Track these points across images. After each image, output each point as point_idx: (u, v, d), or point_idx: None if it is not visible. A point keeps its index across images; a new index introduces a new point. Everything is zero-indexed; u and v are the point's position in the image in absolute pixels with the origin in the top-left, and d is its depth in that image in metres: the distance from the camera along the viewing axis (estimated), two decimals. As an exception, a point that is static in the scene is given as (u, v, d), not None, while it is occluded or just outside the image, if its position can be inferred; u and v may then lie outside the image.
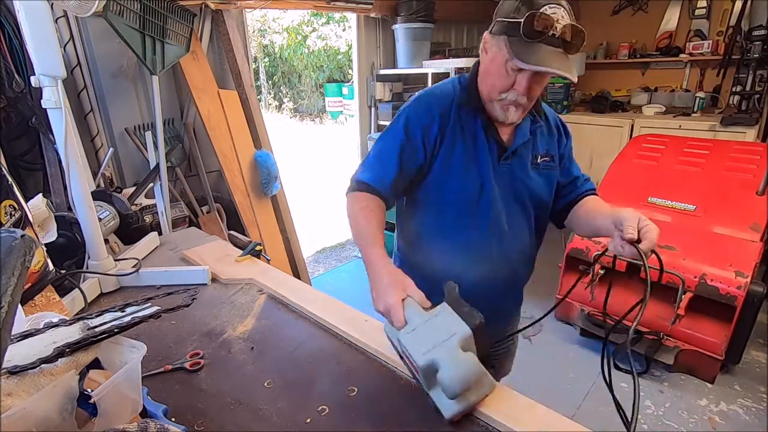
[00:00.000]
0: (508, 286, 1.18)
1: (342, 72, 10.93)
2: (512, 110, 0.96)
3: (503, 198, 1.04)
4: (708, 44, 3.50)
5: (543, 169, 1.08)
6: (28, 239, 0.49)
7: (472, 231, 1.05)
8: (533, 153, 1.06)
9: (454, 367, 0.69)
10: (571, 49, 0.85)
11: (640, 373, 2.25)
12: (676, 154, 2.63)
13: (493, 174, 1.02)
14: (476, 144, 1.01)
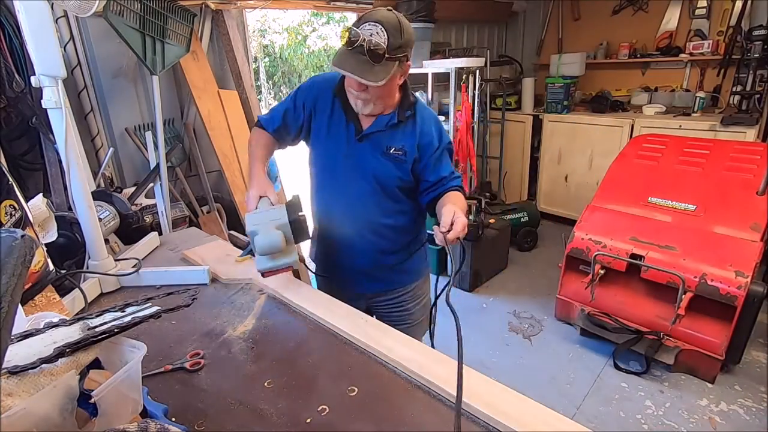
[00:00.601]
0: (360, 247, 1.34)
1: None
2: (359, 104, 1.19)
3: (353, 170, 1.26)
4: (708, 44, 3.49)
5: (393, 160, 1.24)
6: (29, 239, 0.49)
7: (328, 189, 1.34)
8: (387, 144, 1.24)
9: (263, 237, 1.05)
10: (374, 58, 1.05)
11: (640, 373, 2.25)
12: (676, 154, 2.63)
13: (348, 149, 1.26)
14: (338, 123, 1.26)
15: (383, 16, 1.06)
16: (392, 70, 1.08)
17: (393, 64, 1.08)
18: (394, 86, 1.18)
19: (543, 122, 3.99)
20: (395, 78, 1.13)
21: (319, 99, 1.28)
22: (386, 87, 1.13)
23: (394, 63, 1.08)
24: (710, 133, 3.10)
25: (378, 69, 1.06)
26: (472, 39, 4.23)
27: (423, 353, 0.92)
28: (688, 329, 2.17)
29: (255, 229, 1.07)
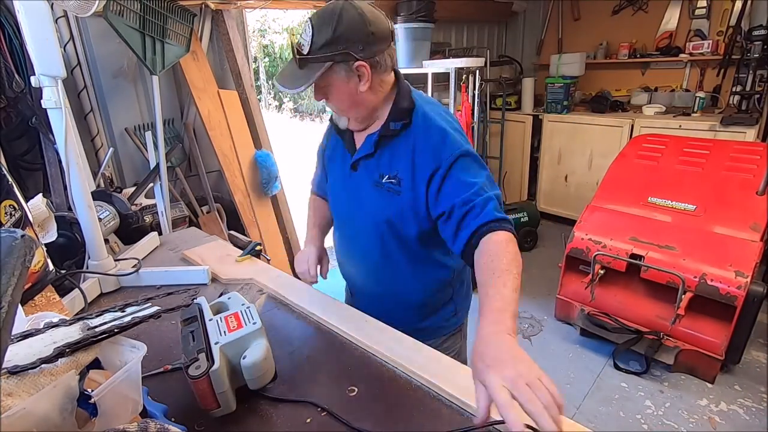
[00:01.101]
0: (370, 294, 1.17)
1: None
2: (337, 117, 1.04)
3: (350, 205, 1.09)
4: (708, 44, 3.49)
5: (386, 191, 0.99)
6: (28, 239, 0.49)
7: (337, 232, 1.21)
8: (378, 170, 0.99)
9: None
10: (299, 63, 0.90)
11: (640, 373, 2.25)
12: (676, 154, 2.63)
13: (345, 181, 1.08)
14: (337, 151, 1.11)
15: (321, 9, 0.89)
16: (317, 73, 0.88)
17: (319, 66, 0.88)
18: (348, 92, 0.93)
19: (543, 122, 3.99)
20: (341, 83, 0.92)
21: (329, 134, 1.16)
22: (337, 95, 0.94)
23: (321, 64, 0.88)
24: (710, 133, 3.10)
25: (301, 74, 0.90)
26: (472, 39, 4.23)
27: (423, 353, 0.92)
28: (688, 329, 2.17)
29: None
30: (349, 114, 1.00)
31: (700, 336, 2.15)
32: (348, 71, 0.90)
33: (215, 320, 0.79)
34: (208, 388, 0.70)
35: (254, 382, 0.77)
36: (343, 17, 0.86)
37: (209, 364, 0.70)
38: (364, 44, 0.88)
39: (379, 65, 0.93)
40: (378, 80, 0.95)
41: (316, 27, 0.87)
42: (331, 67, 0.89)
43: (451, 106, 2.95)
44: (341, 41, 0.87)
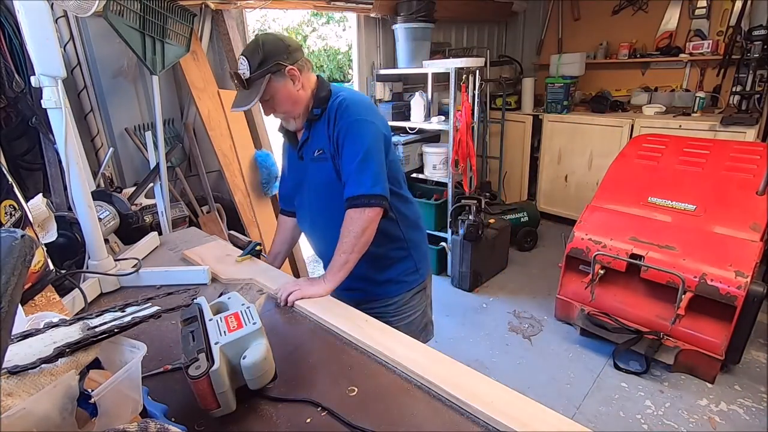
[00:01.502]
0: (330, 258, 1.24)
1: (342, 72, 10.92)
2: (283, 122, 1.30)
3: (304, 186, 1.32)
4: (708, 44, 3.49)
5: (319, 162, 1.25)
6: (28, 239, 0.49)
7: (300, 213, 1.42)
8: (313, 148, 1.26)
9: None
10: (244, 86, 1.18)
11: (640, 373, 2.25)
12: (676, 154, 2.63)
13: (297, 170, 1.33)
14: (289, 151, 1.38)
15: (246, 48, 1.19)
16: (262, 87, 1.15)
17: (261, 81, 1.15)
18: (288, 94, 1.20)
19: (543, 122, 3.99)
20: (281, 87, 1.18)
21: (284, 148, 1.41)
22: (280, 99, 1.20)
23: (262, 79, 1.15)
24: (710, 133, 3.10)
25: (248, 93, 1.17)
26: (472, 39, 4.23)
27: (423, 353, 0.92)
28: (688, 329, 2.17)
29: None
30: (294, 113, 1.23)
31: (700, 336, 2.15)
32: (282, 77, 1.17)
33: (215, 320, 0.79)
34: (208, 388, 0.70)
35: (254, 382, 0.77)
36: (265, 42, 1.16)
37: (209, 364, 0.70)
38: (286, 54, 1.17)
39: (303, 67, 1.21)
40: (305, 79, 1.22)
41: (248, 57, 1.15)
42: (269, 80, 1.16)
43: (451, 106, 2.95)
44: (270, 58, 1.15)
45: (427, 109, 3.14)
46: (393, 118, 3.25)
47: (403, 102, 3.31)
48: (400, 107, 3.27)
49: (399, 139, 3.19)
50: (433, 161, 3.21)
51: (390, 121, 3.27)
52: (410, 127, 3.23)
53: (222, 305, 0.88)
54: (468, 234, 2.95)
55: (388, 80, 3.39)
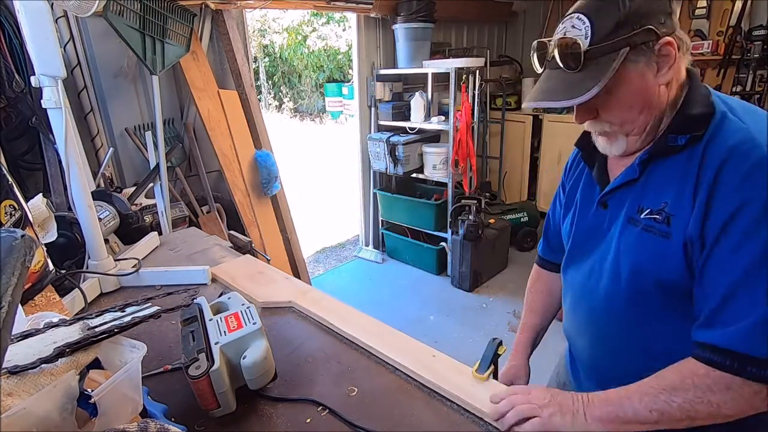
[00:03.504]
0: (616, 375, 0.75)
1: (342, 72, 10.93)
2: (600, 140, 0.75)
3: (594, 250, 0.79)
4: (708, 44, 3.49)
5: (644, 230, 0.69)
6: (28, 239, 0.49)
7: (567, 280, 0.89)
8: (637, 202, 0.71)
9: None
10: (570, 64, 0.66)
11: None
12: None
13: (590, 220, 0.80)
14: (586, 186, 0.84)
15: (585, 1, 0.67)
16: (612, 68, 0.63)
17: (611, 57, 0.64)
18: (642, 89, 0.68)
19: (543, 122, 3.99)
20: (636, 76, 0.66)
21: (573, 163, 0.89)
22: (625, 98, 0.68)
23: (613, 54, 0.64)
24: (710, 133, 3.10)
25: (580, 77, 0.65)
26: (472, 39, 4.23)
27: (423, 353, 0.92)
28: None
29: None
30: (634, 126, 0.70)
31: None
32: (649, 57, 0.66)
33: (215, 320, 0.80)
34: (208, 388, 0.70)
35: (254, 382, 0.77)
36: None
37: (209, 364, 0.70)
38: (665, 15, 0.68)
39: (683, 43, 0.69)
40: (678, 67, 0.69)
41: (592, 15, 0.64)
42: (626, 56, 0.64)
43: (451, 106, 2.95)
44: (639, 15, 0.64)
45: (427, 109, 3.15)
46: (393, 118, 3.25)
47: (403, 102, 3.32)
48: (400, 107, 3.27)
49: (399, 139, 3.19)
50: (433, 161, 3.21)
51: (390, 121, 3.27)
52: (410, 127, 3.23)
53: (222, 305, 0.88)
54: (468, 234, 2.95)
55: (388, 80, 3.39)
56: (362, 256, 3.82)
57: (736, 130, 0.63)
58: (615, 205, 0.75)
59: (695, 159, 0.65)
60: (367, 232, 3.84)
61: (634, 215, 0.71)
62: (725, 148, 0.62)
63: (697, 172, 0.64)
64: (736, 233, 0.59)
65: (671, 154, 0.68)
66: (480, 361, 0.83)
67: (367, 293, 3.27)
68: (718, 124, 0.65)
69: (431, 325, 2.81)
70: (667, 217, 0.66)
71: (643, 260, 0.69)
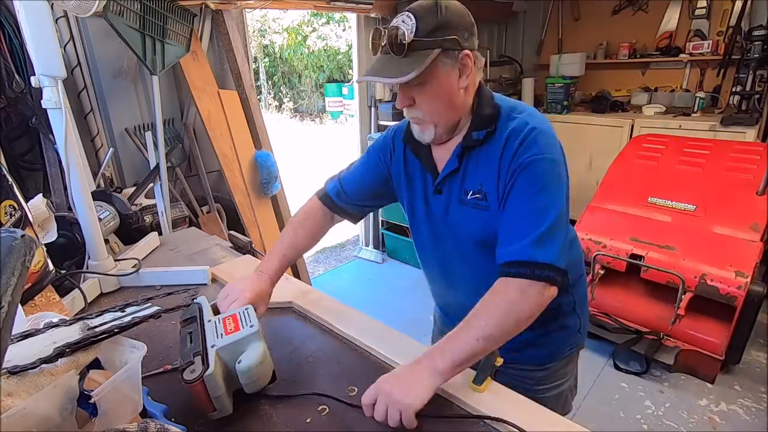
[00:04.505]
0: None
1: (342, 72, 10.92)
2: (417, 129, 0.91)
3: (442, 230, 0.97)
4: (708, 44, 3.49)
5: (473, 207, 0.89)
6: (28, 239, 0.49)
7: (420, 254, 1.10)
8: (462, 187, 0.90)
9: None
10: (398, 51, 0.79)
11: (640, 373, 2.25)
12: (676, 154, 2.63)
13: (428, 206, 0.97)
14: (415, 176, 0.99)
15: (415, 3, 0.83)
16: (427, 60, 0.78)
17: (428, 53, 0.79)
18: (448, 88, 0.85)
19: (543, 122, 3.99)
20: (445, 75, 0.83)
21: (394, 150, 1.02)
22: (436, 91, 0.84)
23: (430, 51, 0.79)
24: (710, 133, 3.10)
25: (404, 62, 0.79)
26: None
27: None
28: (687, 329, 2.17)
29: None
30: (441, 119, 0.88)
31: (700, 336, 2.15)
32: (453, 61, 0.82)
33: (213, 321, 0.79)
34: (203, 392, 0.70)
35: (250, 386, 0.76)
36: (448, 6, 0.81)
37: (204, 368, 0.69)
38: (468, 33, 0.83)
39: (478, 59, 0.86)
40: (473, 78, 0.87)
41: (419, 14, 0.80)
42: (437, 56, 0.80)
43: (451, 106, 2.95)
44: (449, 27, 0.80)
45: (427, 109, 3.14)
46: (393, 118, 3.25)
47: (403, 102, 3.31)
48: (400, 107, 3.27)
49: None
50: (433, 161, 3.21)
51: (390, 121, 3.27)
52: (410, 127, 3.22)
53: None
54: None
55: (388, 80, 3.39)
56: (362, 256, 3.82)
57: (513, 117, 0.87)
58: (447, 191, 0.93)
59: (496, 146, 0.86)
60: (367, 232, 3.84)
61: (462, 197, 0.91)
62: (512, 131, 0.85)
63: (499, 155, 0.85)
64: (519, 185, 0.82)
65: (477, 146, 0.88)
66: (477, 372, 0.82)
67: (367, 293, 3.27)
68: (505, 119, 0.87)
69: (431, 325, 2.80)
70: (484, 195, 0.87)
71: (477, 229, 0.90)
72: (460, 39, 0.81)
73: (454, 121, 0.89)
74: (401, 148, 1.01)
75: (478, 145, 0.88)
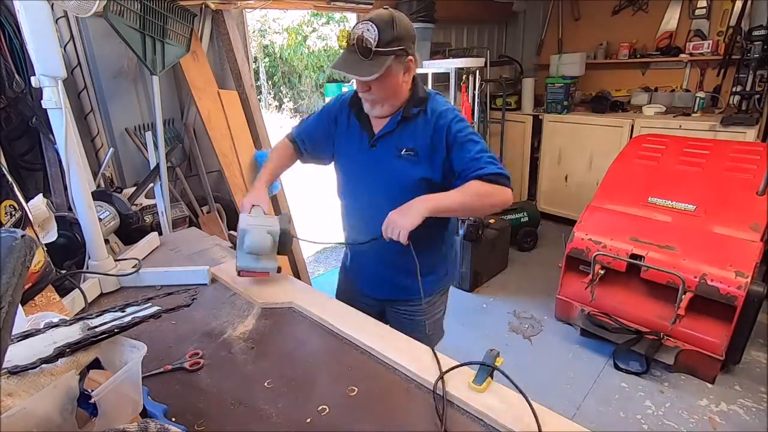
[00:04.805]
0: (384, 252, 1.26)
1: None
2: (367, 105, 1.22)
3: (372, 176, 1.26)
4: (708, 44, 3.49)
5: (405, 160, 1.21)
6: (29, 239, 0.49)
7: (352, 197, 1.36)
8: (397, 145, 1.22)
9: (254, 236, 1.14)
10: (364, 54, 1.07)
11: (640, 373, 2.25)
12: (676, 154, 2.63)
13: (363, 156, 1.27)
14: (353, 132, 1.30)
15: (376, 14, 1.10)
16: (385, 64, 1.07)
17: (386, 59, 1.08)
18: (396, 83, 1.16)
19: (543, 122, 3.99)
20: (395, 74, 1.13)
21: (340, 113, 1.33)
22: (388, 84, 1.14)
23: (387, 57, 1.08)
24: (710, 133, 3.10)
25: (369, 64, 1.08)
26: (472, 39, 4.23)
27: (424, 354, 0.92)
28: (688, 329, 2.17)
29: (247, 228, 1.16)
30: (387, 102, 1.19)
31: (700, 336, 2.15)
32: (401, 64, 1.13)
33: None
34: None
35: (279, 248, 1.19)
36: (397, 20, 1.09)
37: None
38: (412, 43, 1.14)
39: (417, 62, 1.19)
40: (412, 75, 1.20)
41: (380, 26, 1.06)
42: (391, 61, 1.09)
43: (451, 106, 2.95)
44: (401, 40, 1.10)
45: (427, 109, 3.15)
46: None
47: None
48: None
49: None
50: (433, 161, 3.21)
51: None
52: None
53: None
54: (468, 234, 2.95)
55: (388, 80, 3.39)
56: (362, 256, 3.81)
57: (439, 102, 1.23)
58: (381, 146, 1.24)
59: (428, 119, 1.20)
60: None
61: (397, 153, 1.22)
62: (438, 111, 1.20)
63: (432, 126, 1.19)
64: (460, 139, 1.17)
65: (412, 118, 1.21)
66: (477, 372, 0.83)
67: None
68: (431, 101, 1.23)
69: (431, 325, 2.81)
70: (416, 152, 1.20)
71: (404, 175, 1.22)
72: (407, 48, 1.12)
73: (396, 103, 1.21)
74: (346, 112, 1.31)
75: (413, 117, 1.21)
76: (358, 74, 1.08)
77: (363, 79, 1.09)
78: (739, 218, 2.20)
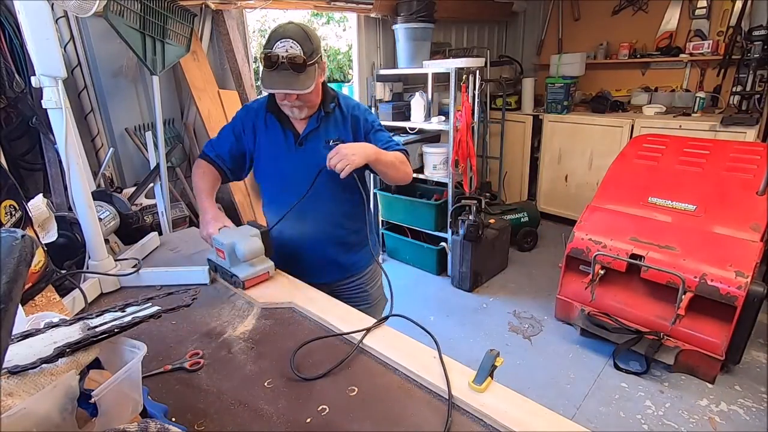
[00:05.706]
0: (322, 240, 1.43)
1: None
2: (296, 111, 1.32)
3: (302, 172, 1.33)
4: (708, 44, 3.49)
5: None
6: (29, 239, 0.49)
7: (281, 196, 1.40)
8: (325, 137, 1.35)
9: (245, 244, 1.16)
10: (297, 69, 1.18)
11: (640, 373, 2.25)
12: (676, 154, 2.63)
13: (291, 155, 1.37)
14: (276, 135, 1.38)
15: (289, 31, 1.19)
16: (315, 74, 1.22)
17: (313, 69, 1.21)
18: (318, 87, 1.29)
19: (543, 122, 3.99)
20: (318, 79, 1.26)
21: (256, 120, 1.40)
22: (315, 90, 1.27)
23: (314, 67, 1.21)
24: (710, 133, 3.10)
25: (303, 77, 1.19)
26: (472, 39, 4.23)
27: (423, 353, 0.92)
28: (688, 329, 2.17)
29: (233, 241, 1.18)
30: (311, 103, 1.31)
31: (700, 336, 2.15)
32: (320, 69, 1.27)
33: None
34: None
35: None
36: (309, 32, 1.22)
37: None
38: (320, 47, 1.26)
39: (327, 67, 1.34)
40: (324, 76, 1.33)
41: (300, 41, 1.18)
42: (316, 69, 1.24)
43: (452, 106, 2.95)
44: (318, 48, 1.23)
45: (427, 109, 3.14)
46: (393, 118, 3.25)
47: (404, 102, 3.31)
48: (400, 107, 3.27)
49: (399, 139, 3.19)
50: (434, 161, 3.21)
51: (390, 121, 3.28)
52: (410, 127, 3.23)
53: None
54: (468, 234, 2.95)
55: (388, 80, 3.39)
56: (362, 256, 3.81)
57: (347, 97, 1.44)
58: (309, 143, 1.36)
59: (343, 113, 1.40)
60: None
61: (325, 144, 1.33)
62: (351, 104, 1.42)
63: (350, 118, 1.40)
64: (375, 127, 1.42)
65: (330, 114, 1.37)
66: (477, 372, 0.83)
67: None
68: (341, 97, 1.41)
69: (431, 325, 2.80)
70: (342, 140, 1.32)
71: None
72: (321, 53, 1.25)
73: (317, 102, 1.34)
74: (263, 117, 1.39)
75: (332, 111, 1.37)
76: (297, 89, 1.20)
77: (302, 92, 1.21)
78: (739, 218, 2.20)
